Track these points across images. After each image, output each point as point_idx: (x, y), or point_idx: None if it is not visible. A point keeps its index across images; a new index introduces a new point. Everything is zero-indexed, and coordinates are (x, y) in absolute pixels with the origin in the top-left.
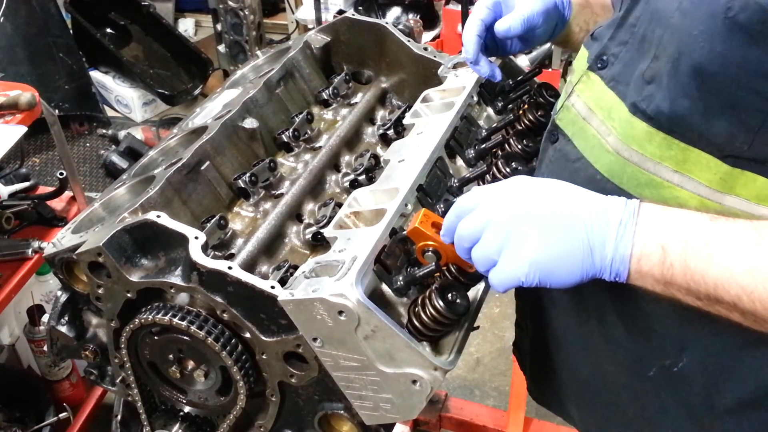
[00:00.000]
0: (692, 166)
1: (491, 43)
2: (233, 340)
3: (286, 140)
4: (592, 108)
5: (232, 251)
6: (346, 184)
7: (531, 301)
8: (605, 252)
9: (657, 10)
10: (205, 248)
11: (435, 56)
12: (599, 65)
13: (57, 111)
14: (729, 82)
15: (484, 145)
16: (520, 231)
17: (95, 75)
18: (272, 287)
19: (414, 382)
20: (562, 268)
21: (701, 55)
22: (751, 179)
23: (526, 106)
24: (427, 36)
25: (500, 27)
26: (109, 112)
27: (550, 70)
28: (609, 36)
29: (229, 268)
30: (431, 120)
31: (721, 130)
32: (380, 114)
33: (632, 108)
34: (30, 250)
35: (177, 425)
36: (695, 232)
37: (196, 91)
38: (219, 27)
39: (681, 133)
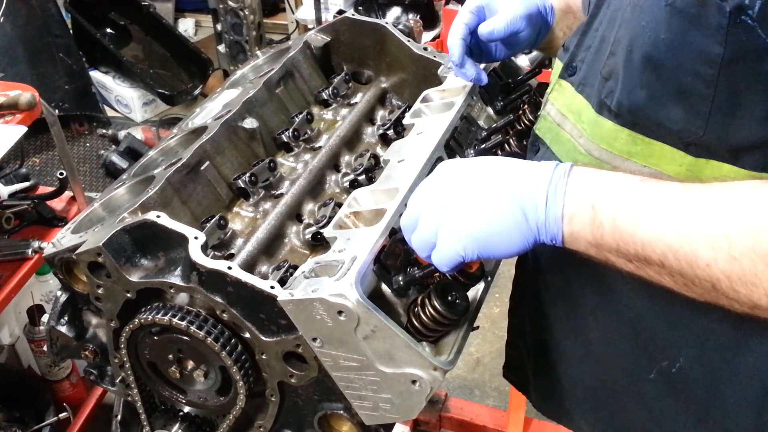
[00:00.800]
0: (658, 160)
1: (476, 49)
2: (233, 340)
3: (286, 140)
4: (564, 113)
5: (232, 251)
6: (346, 184)
7: (527, 314)
8: (538, 214)
9: (615, 9)
10: (204, 248)
11: (435, 56)
12: (569, 72)
13: (57, 111)
14: (675, 68)
15: (484, 145)
16: (452, 209)
17: (95, 75)
18: (272, 287)
19: (414, 382)
20: (498, 236)
21: (648, 44)
22: (716, 168)
23: (526, 106)
24: (427, 36)
25: (483, 30)
26: (109, 112)
27: (550, 70)
28: (575, 43)
29: (229, 268)
30: (431, 120)
31: (676, 117)
32: (380, 114)
33: (597, 107)
34: (30, 250)
35: (177, 425)
36: (625, 191)
37: (196, 91)
38: (219, 27)
39: (642, 125)
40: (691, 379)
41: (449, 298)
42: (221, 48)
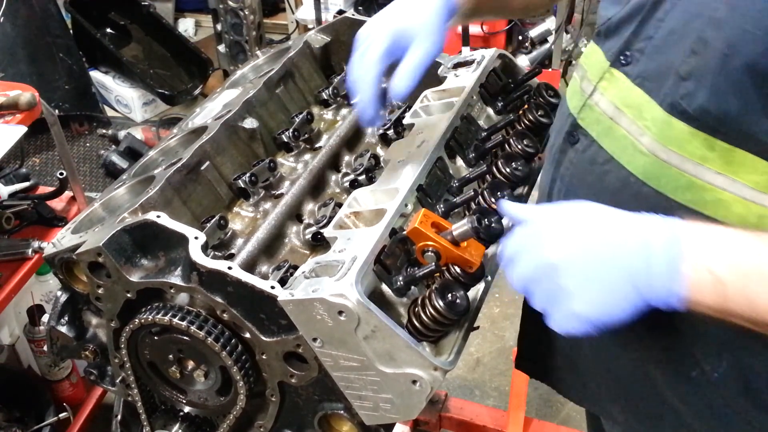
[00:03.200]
0: (737, 168)
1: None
2: (233, 340)
3: (286, 140)
4: (619, 107)
5: (232, 251)
6: (346, 184)
7: None
8: (654, 291)
9: (695, 3)
10: (205, 248)
11: None
12: (623, 61)
13: (57, 111)
14: None
15: (484, 145)
16: (561, 280)
17: (95, 75)
18: (272, 287)
19: (414, 382)
20: (612, 315)
21: (756, 51)
22: None
23: (526, 106)
24: None
25: (401, 86)
26: (109, 112)
27: (550, 70)
28: (632, 31)
29: (229, 268)
30: (431, 120)
31: None
32: (380, 114)
33: (668, 107)
34: (30, 250)
35: (177, 425)
36: (745, 254)
37: (196, 91)
38: (219, 27)
39: (726, 133)
40: (731, 386)
41: (449, 298)
42: (221, 48)
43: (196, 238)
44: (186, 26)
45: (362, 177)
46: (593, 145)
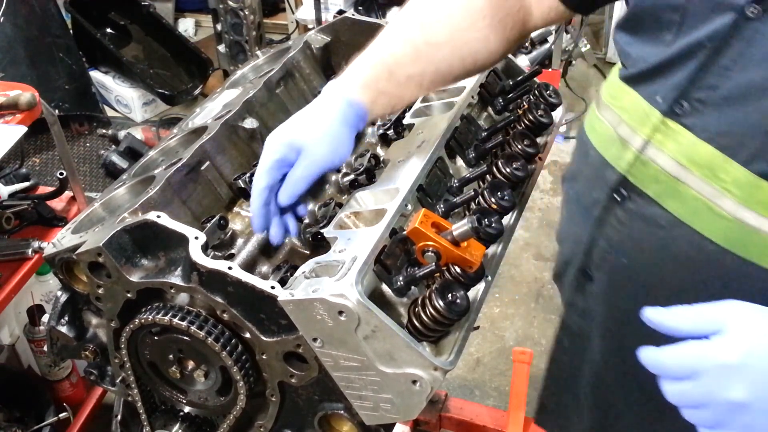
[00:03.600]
0: None
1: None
2: (233, 340)
3: None
4: (684, 164)
5: (232, 251)
6: (346, 184)
7: (582, 377)
8: None
9: None
10: (205, 248)
11: None
12: (678, 111)
13: (57, 111)
14: None
15: (484, 145)
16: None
17: (95, 75)
18: (272, 287)
19: (414, 382)
20: None
21: None
22: None
23: (526, 106)
24: None
25: (283, 197)
26: (109, 112)
27: (550, 70)
28: (686, 77)
29: (229, 268)
30: (431, 120)
31: None
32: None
33: (756, 169)
34: (30, 250)
35: (177, 425)
36: None
37: (196, 91)
38: (219, 27)
39: None
40: None
41: (449, 298)
42: (221, 48)
43: (196, 238)
44: (186, 26)
45: (362, 177)
46: (652, 205)
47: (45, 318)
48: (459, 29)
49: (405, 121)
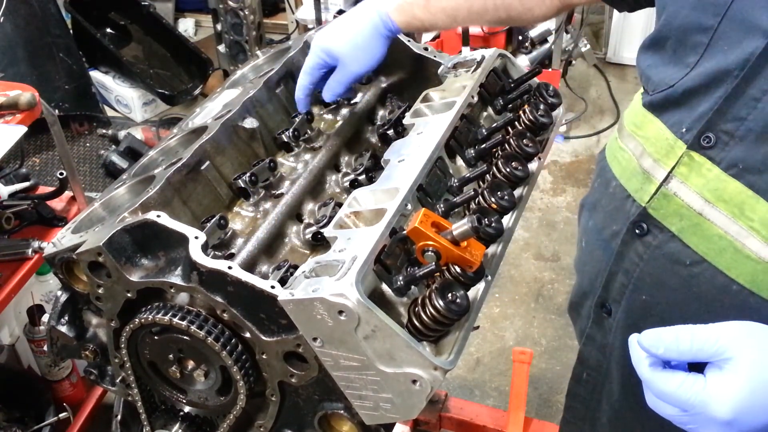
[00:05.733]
0: None
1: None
2: (233, 340)
3: (286, 140)
4: (709, 200)
5: (232, 251)
6: (346, 184)
7: (602, 414)
8: None
9: None
10: (205, 248)
11: (435, 56)
12: (704, 144)
13: (57, 111)
14: None
15: (484, 145)
16: None
17: (95, 75)
18: (272, 287)
19: (414, 381)
20: None
21: None
22: None
23: (526, 106)
24: (427, 36)
25: (326, 95)
26: (109, 112)
27: (550, 70)
28: (710, 106)
29: (229, 267)
30: (431, 120)
31: None
32: (380, 114)
33: None
34: (30, 250)
35: (177, 425)
36: None
37: (196, 91)
38: (219, 27)
39: None
40: None
41: (449, 297)
42: (221, 48)
43: (196, 237)
44: (186, 26)
45: (362, 177)
46: (674, 241)
47: (45, 318)
48: None
49: (405, 121)
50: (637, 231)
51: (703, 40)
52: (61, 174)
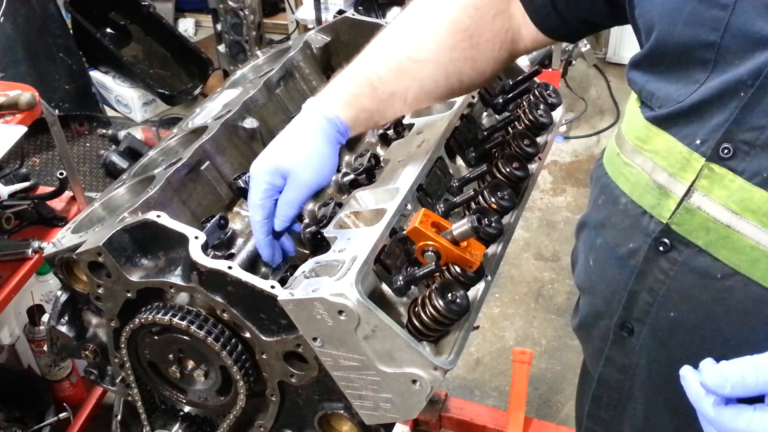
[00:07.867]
0: None
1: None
2: (233, 340)
3: None
4: (736, 211)
5: (232, 251)
6: (346, 184)
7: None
8: None
9: None
10: (205, 248)
11: None
12: (723, 155)
13: (57, 111)
14: None
15: (484, 145)
16: None
17: (95, 75)
18: (272, 287)
19: (414, 381)
20: None
21: None
22: None
23: (526, 106)
24: None
25: (278, 223)
26: (109, 112)
27: (550, 70)
28: (727, 117)
29: (229, 267)
30: (431, 120)
31: None
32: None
33: None
34: (30, 250)
35: (177, 425)
36: None
37: (196, 91)
38: (219, 27)
39: None
40: None
41: (449, 297)
42: (221, 48)
43: (196, 237)
44: (186, 26)
45: (362, 177)
46: (702, 255)
47: (45, 318)
48: (444, 47)
49: (405, 121)
50: (660, 248)
51: (708, 56)
52: (61, 174)
